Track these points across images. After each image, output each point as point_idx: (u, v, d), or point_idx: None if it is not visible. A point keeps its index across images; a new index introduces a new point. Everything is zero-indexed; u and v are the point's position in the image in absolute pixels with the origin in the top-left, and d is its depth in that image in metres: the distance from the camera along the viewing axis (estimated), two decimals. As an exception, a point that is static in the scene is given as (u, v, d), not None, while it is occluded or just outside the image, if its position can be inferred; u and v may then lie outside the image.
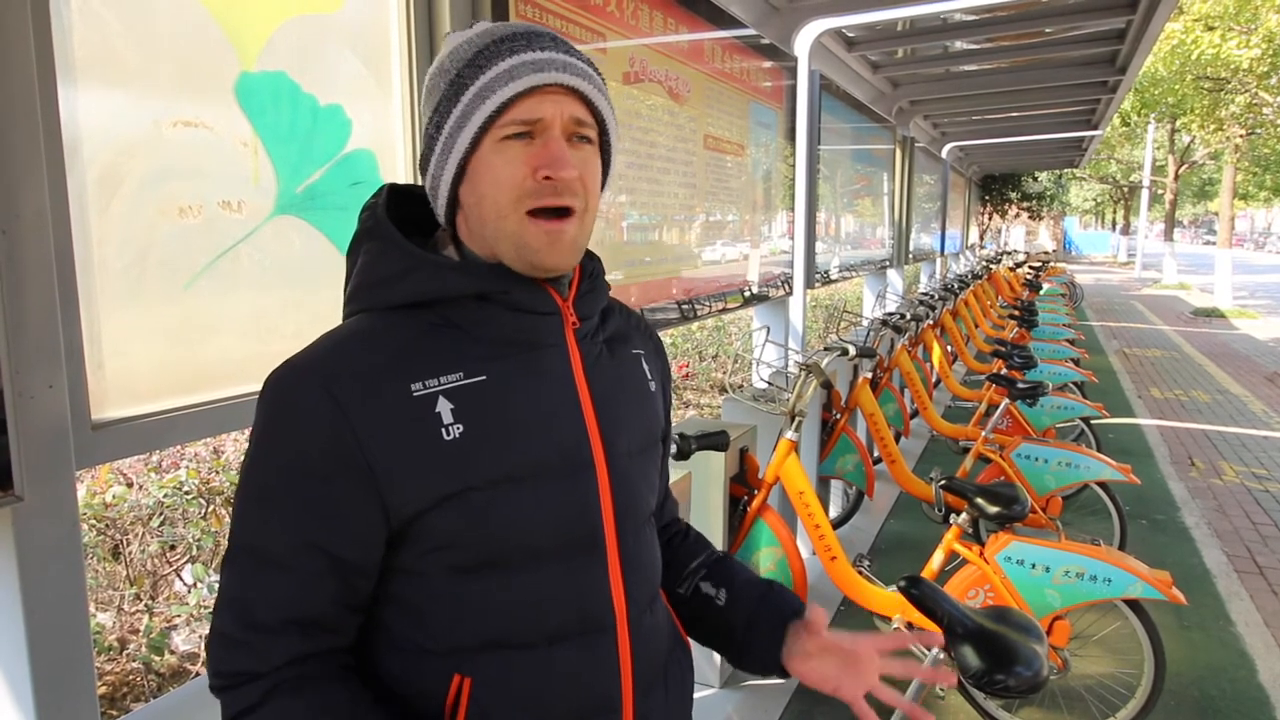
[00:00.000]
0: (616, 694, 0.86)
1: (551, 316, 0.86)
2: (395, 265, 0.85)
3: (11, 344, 1.25)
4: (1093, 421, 4.86)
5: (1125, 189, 32.37)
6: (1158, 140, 23.74)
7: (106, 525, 2.76)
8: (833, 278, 5.43)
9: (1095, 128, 9.44)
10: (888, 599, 2.68)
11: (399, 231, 0.86)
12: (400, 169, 2.09)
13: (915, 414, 5.27)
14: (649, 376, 0.97)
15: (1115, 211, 39.76)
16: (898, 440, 4.58)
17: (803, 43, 4.39)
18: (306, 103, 1.80)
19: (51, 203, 1.32)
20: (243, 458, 0.83)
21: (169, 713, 1.20)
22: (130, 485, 2.81)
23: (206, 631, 2.86)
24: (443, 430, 0.79)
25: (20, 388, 1.26)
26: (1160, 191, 25.80)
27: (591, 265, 0.93)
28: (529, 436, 0.83)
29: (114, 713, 2.56)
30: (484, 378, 0.82)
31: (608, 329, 0.96)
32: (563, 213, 0.82)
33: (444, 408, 0.79)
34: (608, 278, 0.98)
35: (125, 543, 2.85)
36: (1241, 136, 15.91)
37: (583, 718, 0.85)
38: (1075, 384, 5.43)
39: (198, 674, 2.73)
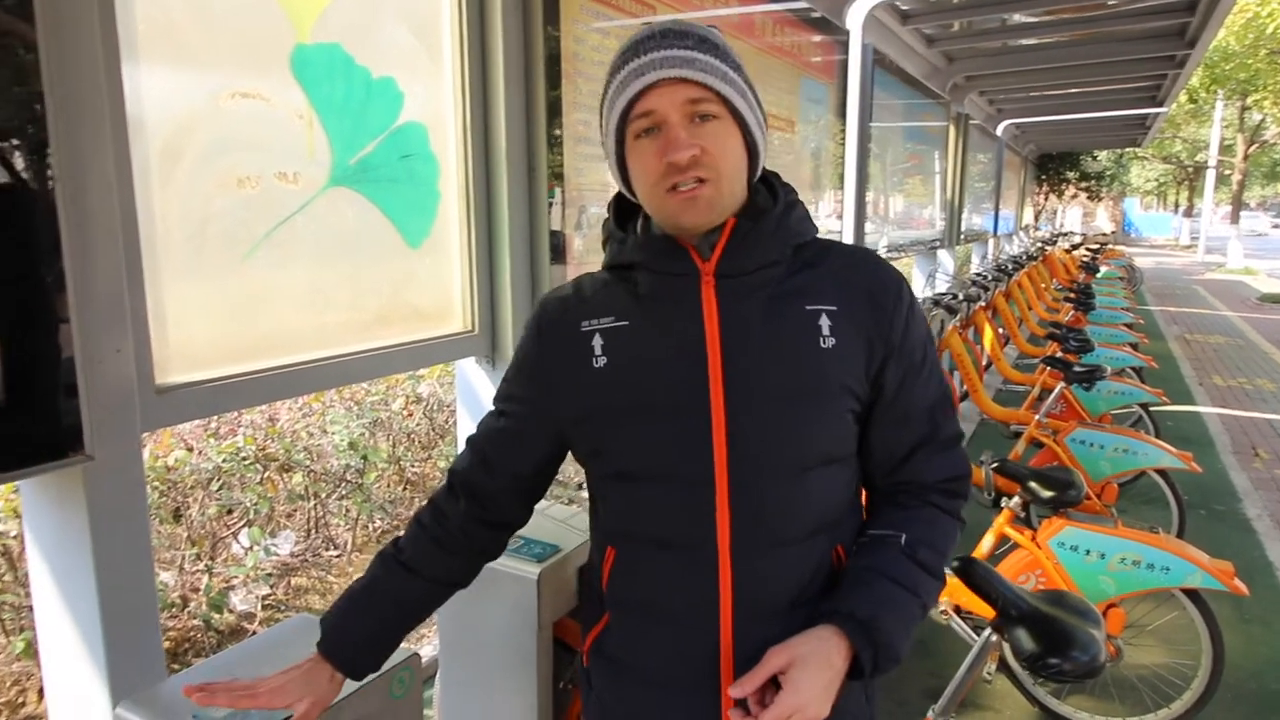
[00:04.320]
0: (713, 609, 0.98)
1: (686, 277, 1.00)
2: (607, 239, 1.09)
3: (81, 310, 1.28)
4: (1151, 408, 4.71)
5: (1190, 169, 31.21)
6: (1226, 118, 22.77)
7: (168, 487, 2.86)
8: (882, 258, 5.33)
9: (1160, 105, 9.10)
10: (934, 582, 2.65)
11: (621, 216, 1.09)
12: (451, 142, 2.10)
13: (965, 397, 5.17)
14: (823, 332, 0.99)
15: (1179, 193, 38.35)
16: (946, 423, 4.49)
17: (855, 16, 4.29)
18: (360, 75, 1.82)
19: (117, 174, 1.35)
20: None
21: (229, 666, 1.24)
22: (190, 450, 2.90)
23: (263, 593, 2.96)
24: (593, 359, 1.02)
25: (89, 352, 1.31)
26: (1227, 172, 24.80)
27: (746, 225, 1.00)
28: (651, 376, 1.00)
29: (176, 666, 2.66)
30: (627, 323, 1.02)
31: (789, 283, 1.01)
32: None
33: (597, 342, 1.02)
34: None
35: (186, 505, 2.95)
36: (1317, 114, 15.20)
37: (685, 614, 1.00)
38: (1133, 369, 5.26)
39: (254, 633, 2.82)
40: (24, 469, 1.22)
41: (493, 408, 1.16)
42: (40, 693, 2.59)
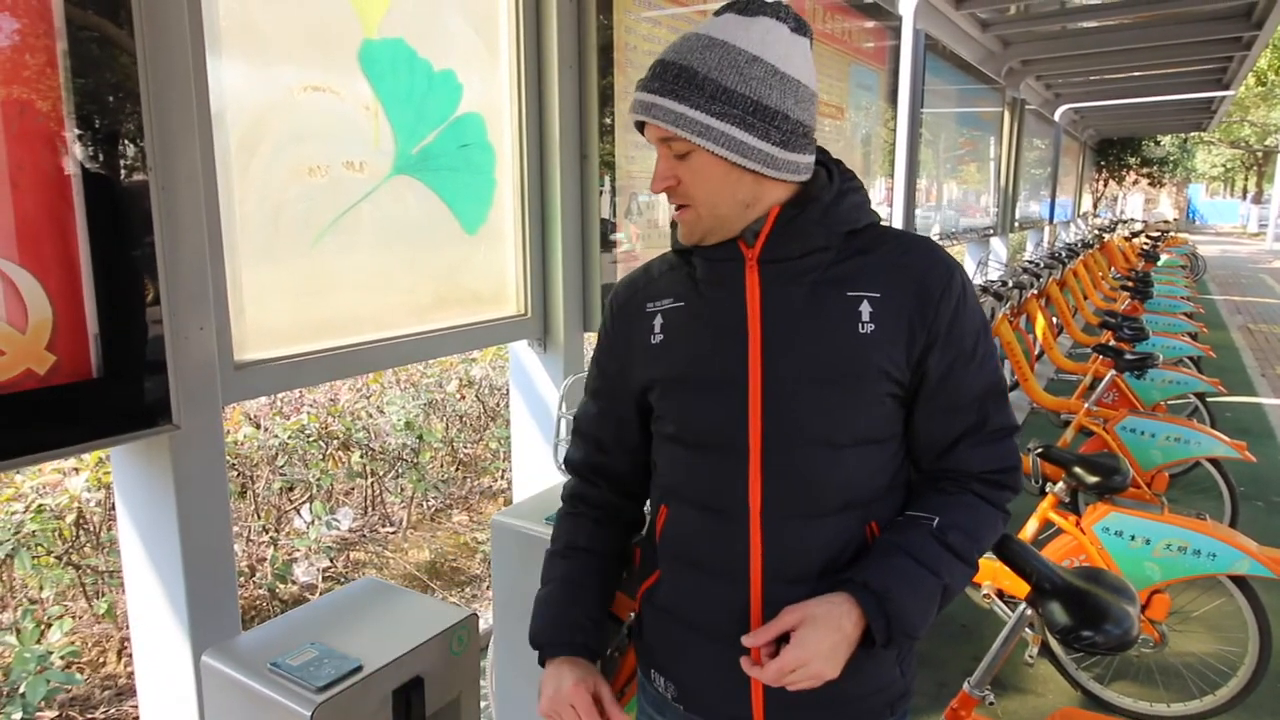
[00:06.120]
0: (744, 570, 1.05)
1: (732, 262, 1.07)
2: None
3: (170, 290, 1.39)
4: (1208, 398, 4.61)
5: (1259, 154, 30.00)
6: (1300, 100, 21.83)
7: (237, 461, 3.01)
8: (939, 246, 5.29)
9: (1226, 87, 8.80)
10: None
11: None
12: (507, 131, 2.18)
13: (1015, 386, 5.12)
14: (863, 318, 1.03)
15: (1247, 178, 36.87)
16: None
17: (908, 1, 4.26)
18: (422, 68, 1.90)
19: (202, 164, 1.45)
20: None
21: (299, 624, 1.34)
22: (258, 426, 3.05)
23: (323, 565, 3.10)
24: (652, 336, 1.12)
25: (176, 329, 1.41)
26: (1300, 156, 23.78)
27: (789, 213, 1.05)
28: (698, 353, 1.09)
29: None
30: (683, 304, 1.11)
31: (836, 269, 1.05)
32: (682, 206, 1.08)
33: (657, 321, 1.13)
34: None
35: (253, 479, 3.10)
36: (1398, 95, 14.50)
37: (720, 572, 1.08)
38: (1191, 359, 5.15)
39: (316, 603, 2.96)
40: (121, 435, 1.34)
41: (584, 396, 1.26)
42: (119, 654, 2.76)
